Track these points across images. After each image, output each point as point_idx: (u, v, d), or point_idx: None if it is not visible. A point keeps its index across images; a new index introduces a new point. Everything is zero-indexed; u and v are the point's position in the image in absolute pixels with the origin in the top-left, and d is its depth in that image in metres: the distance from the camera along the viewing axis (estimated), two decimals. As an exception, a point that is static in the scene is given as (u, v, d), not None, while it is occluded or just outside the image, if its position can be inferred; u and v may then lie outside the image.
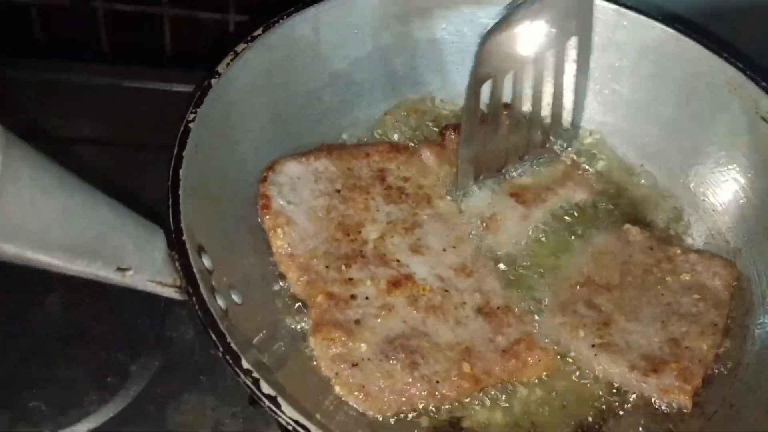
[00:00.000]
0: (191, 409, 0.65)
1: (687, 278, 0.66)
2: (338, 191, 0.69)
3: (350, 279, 0.63)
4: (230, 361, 0.49)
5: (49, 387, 0.66)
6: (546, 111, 0.73)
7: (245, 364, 0.49)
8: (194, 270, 0.51)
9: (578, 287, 0.65)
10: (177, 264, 0.50)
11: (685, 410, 0.59)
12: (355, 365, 0.58)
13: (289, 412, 0.47)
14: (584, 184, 0.73)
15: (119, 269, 0.46)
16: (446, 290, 0.64)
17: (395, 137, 0.75)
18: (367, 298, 0.62)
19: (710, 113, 0.71)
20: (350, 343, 0.59)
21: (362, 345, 0.59)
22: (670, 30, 0.72)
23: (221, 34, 0.89)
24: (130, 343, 0.68)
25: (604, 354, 0.61)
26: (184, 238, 0.52)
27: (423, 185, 0.71)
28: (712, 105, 0.71)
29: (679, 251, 0.68)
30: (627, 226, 0.70)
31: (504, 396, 0.60)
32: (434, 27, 0.74)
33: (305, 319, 0.62)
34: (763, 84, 0.69)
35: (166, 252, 0.50)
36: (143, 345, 0.69)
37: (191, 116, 0.59)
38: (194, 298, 0.50)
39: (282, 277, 0.63)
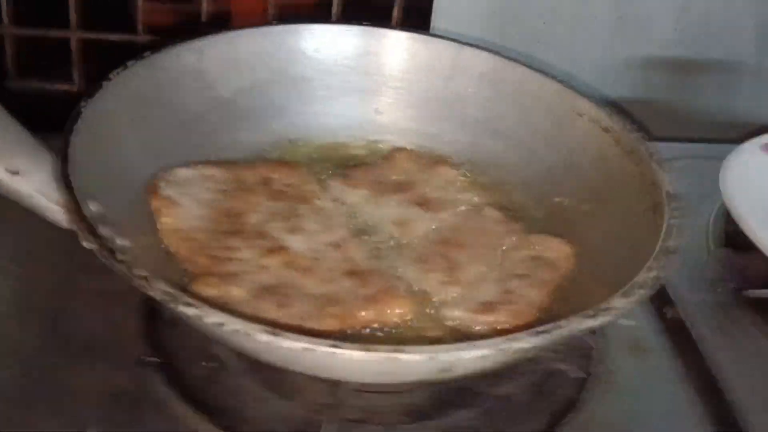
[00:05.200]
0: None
1: (527, 253, 0.75)
2: (225, 191, 0.77)
3: (230, 247, 0.71)
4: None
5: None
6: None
7: (137, 271, 0.55)
8: (78, 198, 0.58)
9: (435, 245, 0.75)
10: (64, 186, 0.56)
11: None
12: (226, 304, 0.64)
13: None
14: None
15: (8, 170, 0.53)
16: (317, 259, 0.72)
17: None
18: (244, 260, 0.70)
19: (539, 120, 0.85)
20: (225, 287, 0.66)
21: (236, 289, 0.66)
22: (498, 57, 0.87)
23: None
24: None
25: (449, 287, 0.69)
26: (71, 178, 0.60)
27: (304, 190, 0.80)
28: (541, 112, 0.85)
29: (521, 231, 0.78)
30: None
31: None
32: (305, 66, 0.88)
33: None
34: (578, 89, 0.84)
35: (54, 168, 0.57)
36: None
37: (83, 103, 0.68)
38: (79, 220, 0.56)
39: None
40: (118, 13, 1.01)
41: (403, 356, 0.52)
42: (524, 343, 0.53)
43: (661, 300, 0.79)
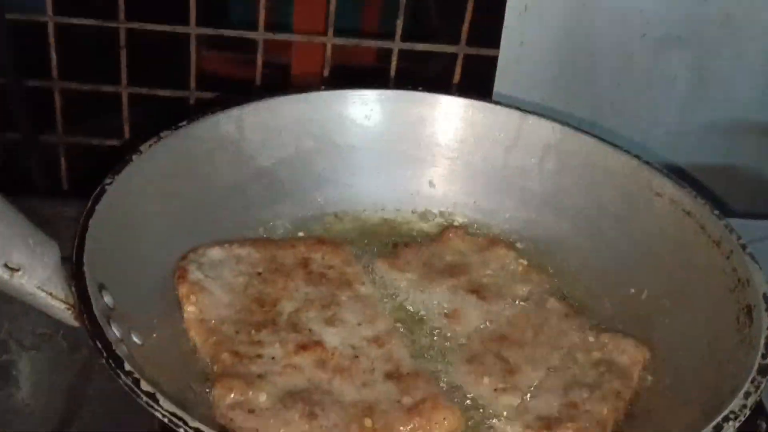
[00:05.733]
0: None
1: (597, 356, 0.66)
2: (259, 273, 0.71)
3: (259, 341, 0.64)
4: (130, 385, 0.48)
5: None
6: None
7: (144, 386, 0.49)
8: (89, 290, 0.52)
9: (490, 342, 0.66)
10: (72, 281, 0.51)
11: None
12: (251, 411, 0.57)
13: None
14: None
15: (7, 266, 0.47)
16: (356, 356, 0.64)
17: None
18: (273, 358, 0.62)
19: (609, 198, 0.76)
20: (250, 393, 0.58)
21: (262, 395, 0.58)
22: (565, 127, 0.79)
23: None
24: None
25: (504, 395, 0.60)
26: (85, 269, 0.54)
27: (346, 272, 0.73)
28: (612, 189, 0.76)
29: (589, 328, 0.68)
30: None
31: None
32: (353, 134, 0.81)
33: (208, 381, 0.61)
34: (655, 165, 0.74)
35: (59, 262, 0.51)
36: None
37: (108, 180, 0.63)
38: (86, 317, 0.50)
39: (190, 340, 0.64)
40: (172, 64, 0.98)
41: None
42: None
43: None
